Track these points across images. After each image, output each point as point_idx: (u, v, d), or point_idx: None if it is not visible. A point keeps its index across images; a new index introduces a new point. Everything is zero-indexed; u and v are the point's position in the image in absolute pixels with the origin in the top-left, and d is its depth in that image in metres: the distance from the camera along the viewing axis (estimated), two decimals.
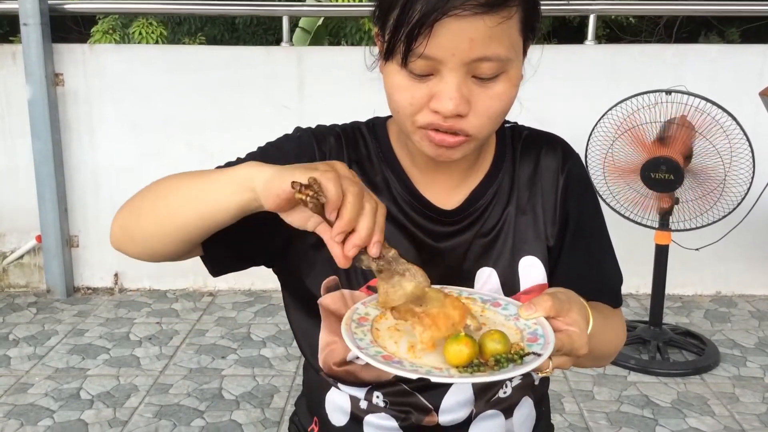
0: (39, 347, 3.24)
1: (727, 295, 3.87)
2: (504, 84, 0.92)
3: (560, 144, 1.12)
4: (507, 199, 1.07)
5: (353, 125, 1.12)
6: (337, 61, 3.68)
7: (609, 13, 6.05)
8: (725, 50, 3.80)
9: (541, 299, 0.89)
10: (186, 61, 3.82)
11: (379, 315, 0.92)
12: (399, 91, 0.93)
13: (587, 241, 1.12)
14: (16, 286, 3.97)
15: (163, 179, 0.97)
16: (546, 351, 0.82)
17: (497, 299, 0.96)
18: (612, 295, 1.14)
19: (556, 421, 2.61)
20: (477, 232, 1.06)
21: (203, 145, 3.78)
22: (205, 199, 0.90)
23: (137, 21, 7.11)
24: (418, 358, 0.84)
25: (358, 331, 0.88)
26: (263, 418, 2.68)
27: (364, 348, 0.84)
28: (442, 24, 0.86)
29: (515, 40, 0.91)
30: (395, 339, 0.88)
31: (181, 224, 0.93)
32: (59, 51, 3.72)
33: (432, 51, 0.87)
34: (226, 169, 0.89)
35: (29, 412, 2.71)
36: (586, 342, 0.88)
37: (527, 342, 0.85)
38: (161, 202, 0.95)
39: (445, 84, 0.90)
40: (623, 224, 3.05)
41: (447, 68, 0.89)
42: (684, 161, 2.92)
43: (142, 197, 0.98)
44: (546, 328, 0.87)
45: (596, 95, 3.34)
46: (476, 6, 0.85)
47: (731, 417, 2.68)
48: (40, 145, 3.67)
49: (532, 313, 0.88)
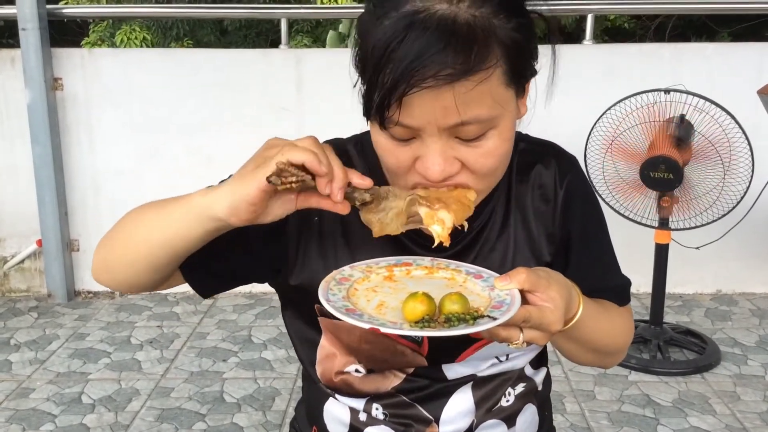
0: (40, 352, 3.25)
1: (727, 293, 3.87)
2: (494, 140, 0.87)
3: (556, 157, 1.06)
4: (502, 220, 1.03)
5: (341, 144, 1.06)
6: (336, 63, 3.68)
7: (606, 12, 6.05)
8: (723, 49, 3.80)
9: (517, 271, 0.86)
10: (184, 64, 3.82)
11: (362, 278, 0.93)
12: (384, 153, 0.90)
13: (593, 252, 1.09)
14: (17, 290, 3.97)
15: (136, 209, 0.96)
16: (503, 317, 0.81)
17: (481, 272, 0.95)
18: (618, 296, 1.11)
19: (557, 422, 2.60)
20: (475, 256, 1.02)
21: (202, 148, 3.78)
22: (169, 231, 0.89)
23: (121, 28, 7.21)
24: (382, 315, 0.85)
25: (335, 288, 0.89)
26: (264, 420, 2.68)
27: (333, 301, 0.85)
28: (412, 96, 0.80)
29: (500, 96, 0.84)
30: (369, 298, 0.89)
31: (149, 253, 0.92)
32: (58, 55, 3.73)
33: (407, 120, 0.83)
34: (185, 199, 0.88)
35: (31, 416, 2.71)
36: (559, 318, 0.85)
37: (491, 309, 0.85)
38: (132, 232, 0.95)
39: (427, 149, 0.85)
40: (623, 224, 3.05)
41: (426, 134, 0.85)
42: (683, 160, 2.92)
43: (116, 228, 0.97)
44: (515, 298, 0.85)
45: (594, 95, 3.33)
46: (445, 76, 0.78)
47: (732, 416, 2.68)
48: (40, 149, 3.67)
49: (506, 284, 0.86)
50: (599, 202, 1.11)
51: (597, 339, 1.02)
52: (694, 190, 2.99)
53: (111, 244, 0.98)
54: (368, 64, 0.83)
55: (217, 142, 3.77)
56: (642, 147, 2.96)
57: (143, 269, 0.94)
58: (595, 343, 1.02)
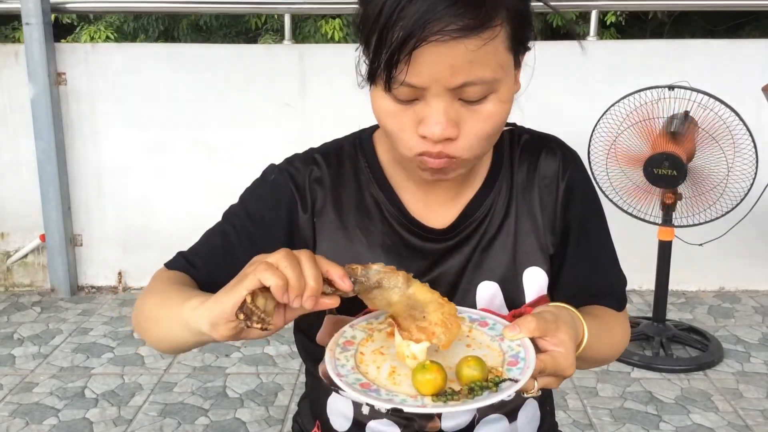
0: (43, 346, 3.25)
1: (730, 290, 3.87)
2: (493, 104, 0.88)
3: (560, 148, 1.08)
4: (505, 210, 1.04)
5: (335, 145, 1.08)
6: (340, 58, 3.67)
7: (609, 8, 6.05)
8: (728, 45, 3.78)
9: (526, 320, 0.87)
10: (188, 59, 3.82)
11: (366, 338, 0.92)
12: (386, 117, 0.91)
13: (591, 247, 1.09)
14: (20, 285, 3.98)
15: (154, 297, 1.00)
16: (523, 376, 0.81)
17: (485, 318, 0.95)
18: (615, 298, 1.12)
19: (559, 418, 2.60)
20: (475, 246, 1.03)
21: (206, 143, 3.78)
22: (171, 334, 0.95)
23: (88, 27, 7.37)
24: (397, 385, 0.83)
25: (342, 357, 0.87)
26: (267, 416, 2.68)
27: (344, 375, 0.83)
28: (421, 51, 0.82)
29: (503, 59, 0.87)
30: (378, 363, 0.87)
31: (173, 347, 0.99)
32: (61, 50, 3.73)
33: (413, 79, 0.84)
34: (178, 309, 0.90)
35: (34, 411, 2.72)
36: (572, 363, 0.87)
37: (507, 366, 0.84)
38: (152, 328, 1.00)
39: (431, 109, 0.86)
40: (626, 220, 3.05)
41: (431, 94, 0.86)
42: (687, 157, 2.91)
43: (142, 313, 1.02)
44: (529, 351, 0.85)
45: (598, 92, 3.33)
46: (455, 31, 0.81)
47: (735, 413, 2.68)
48: (43, 144, 3.68)
49: (516, 334, 0.86)
50: (600, 199, 1.12)
51: (599, 356, 1.04)
52: (697, 186, 2.99)
53: (141, 325, 1.03)
54: (376, 22, 0.84)
55: (221, 137, 3.77)
56: (646, 144, 2.96)
57: (170, 350, 1.02)
58: (596, 359, 1.04)
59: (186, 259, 1.06)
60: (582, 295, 1.06)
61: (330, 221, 1.04)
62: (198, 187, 3.81)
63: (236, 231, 1.05)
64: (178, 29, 7.77)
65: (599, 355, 1.03)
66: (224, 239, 1.05)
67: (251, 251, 0.92)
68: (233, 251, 1.03)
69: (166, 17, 7.67)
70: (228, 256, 1.03)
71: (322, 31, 6.95)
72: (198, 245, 1.08)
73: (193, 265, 1.05)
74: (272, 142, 3.64)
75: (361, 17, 0.89)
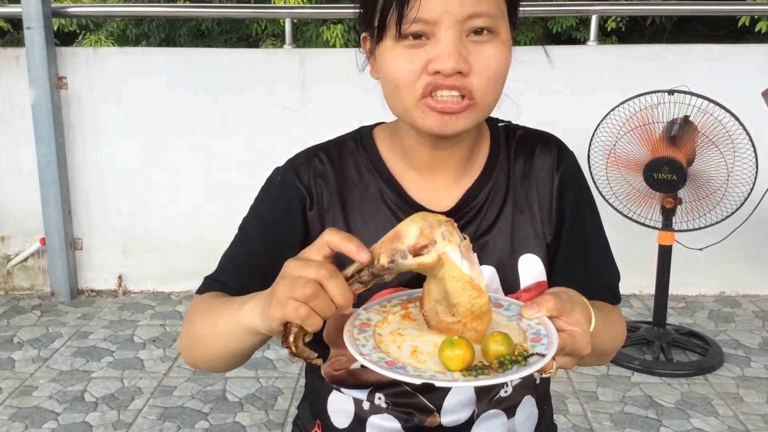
0: (43, 350, 3.25)
1: (730, 295, 3.87)
2: (497, 45, 0.94)
3: (555, 142, 1.12)
4: (503, 198, 1.08)
5: (337, 141, 1.12)
6: (340, 62, 3.68)
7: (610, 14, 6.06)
8: (727, 50, 3.78)
9: (544, 299, 0.89)
10: (189, 63, 3.83)
11: (381, 320, 0.92)
12: (396, 63, 0.94)
13: (584, 239, 1.12)
14: (21, 288, 3.98)
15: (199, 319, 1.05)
16: (550, 351, 0.82)
17: (499, 299, 0.96)
18: (610, 293, 1.14)
19: (559, 422, 2.60)
20: (474, 232, 1.06)
21: (207, 147, 3.79)
22: (231, 348, 1.00)
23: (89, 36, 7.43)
24: (422, 363, 0.83)
25: (361, 337, 0.87)
26: (267, 420, 2.68)
27: (367, 354, 0.83)
28: None
29: (501, 3, 0.95)
30: (398, 344, 0.87)
31: (230, 362, 1.05)
32: (62, 54, 3.74)
33: (425, 13, 0.90)
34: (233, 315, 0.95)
35: (34, 414, 2.72)
36: (588, 341, 0.88)
37: (530, 343, 0.85)
38: (205, 349, 1.04)
39: (443, 44, 0.91)
40: (626, 225, 3.05)
41: (442, 28, 0.91)
42: (687, 161, 2.92)
43: (190, 339, 1.06)
44: (549, 327, 0.86)
45: (598, 96, 3.33)
46: None
47: (735, 417, 2.68)
48: (44, 148, 3.68)
49: (535, 313, 0.88)
50: (593, 195, 1.16)
51: (603, 346, 1.05)
52: (697, 191, 2.99)
53: (192, 352, 1.07)
54: None
55: (222, 141, 3.77)
56: (646, 148, 2.96)
57: (227, 367, 1.07)
58: (600, 350, 1.04)
59: (215, 280, 1.10)
60: (576, 286, 1.08)
61: (336, 215, 1.06)
62: (198, 191, 3.81)
63: (254, 239, 1.09)
64: (179, 36, 7.80)
65: (604, 344, 1.04)
66: (245, 250, 1.09)
67: (274, 255, 0.99)
68: (257, 260, 1.07)
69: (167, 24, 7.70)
70: (253, 265, 1.07)
71: (324, 38, 6.97)
72: (222, 264, 1.12)
73: (223, 283, 1.08)
74: (273, 147, 3.64)
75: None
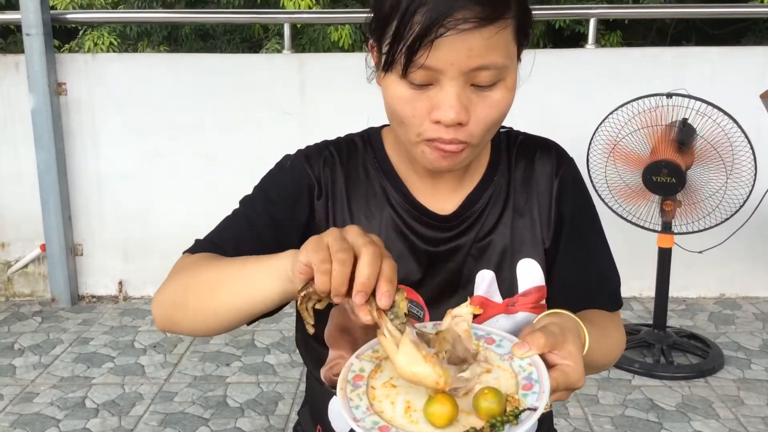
0: (44, 356, 3.25)
1: (731, 297, 3.87)
2: (501, 91, 0.94)
3: (554, 148, 1.14)
4: (503, 203, 1.09)
5: (347, 138, 1.14)
6: (338, 67, 3.69)
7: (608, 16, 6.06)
8: (726, 52, 3.79)
9: (534, 337, 0.88)
10: (188, 68, 3.83)
11: (374, 369, 0.91)
12: (400, 103, 0.95)
13: (583, 243, 1.13)
14: (21, 295, 3.98)
15: (201, 268, 0.98)
16: (541, 402, 0.81)
17: (491, 334, 0.94)
18: (610, 298, 1.15)
19: (560, 426, 2.61)
20: (475, 236, 1.08)
21: (206, 152, 3.79)
22: (250, 293, 0.92)
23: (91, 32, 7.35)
24: (414, 423, 0.83)
25: (354, 396, 0.86)
26: (268, 425, 2.68)
27: (361, 419, 0.82)
28: (442, 38, 0.88)
29: (511, 48, 0.94)
30: (392, 399, 0.86)
31: (229, 318, 0.95)
32: (62, 60, 3.74)
33: (432, 62, 0.89)
34: (265, 262, 0.90)
35: (35, 421, 2.72)
36: (581, 375, 0.87)
37: (522, 391, 0.84)
38: (207, 298, 0.96)
39: (446, 93, 0.92)
40: (626, 228, 3.06)
41: (447, 78, 0.91)
42: (685, 165, 2.92)
43: (184, 289, 0.99)
44: (541, 370, 0.85)
45: (597, 99, 3.34)
46: (475, 19, 0.88)
47: (736, 420, 2.68)
48: (44, 154, 3.69)
49: (526, 352, 0.87)
50: (593, 200, 1.17)
51: (598, 362, 1.05)
52: (696, 194, 2.99)
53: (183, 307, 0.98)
54: (396, 9, 0.91)
55: (221, 145, 3.77)
56: (644, 151, 2.96)
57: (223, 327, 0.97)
58: (595, 365, 1.05)
59: (212, 242, 1.05)
60: (576, 292, 1.08)
61: (342, 208, 1.08)
62: (198, 195, 3.82)
63: (259, 214, 1.07)
64: (182, 35, 7.78)
65: (598, 361, 1.04)
66: (247, 222, 1.07)
67: (276, 233, 1.02)
68: (260, 233, 1.05)
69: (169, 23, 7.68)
70: (253, 237, 1.05)
71: (332, 39, 6.85)
72: (219, 231, 1.08)
73: (220, 247, 1.04)
74: (272, 150, 3.62)
75: (377, 5, 0.95)
